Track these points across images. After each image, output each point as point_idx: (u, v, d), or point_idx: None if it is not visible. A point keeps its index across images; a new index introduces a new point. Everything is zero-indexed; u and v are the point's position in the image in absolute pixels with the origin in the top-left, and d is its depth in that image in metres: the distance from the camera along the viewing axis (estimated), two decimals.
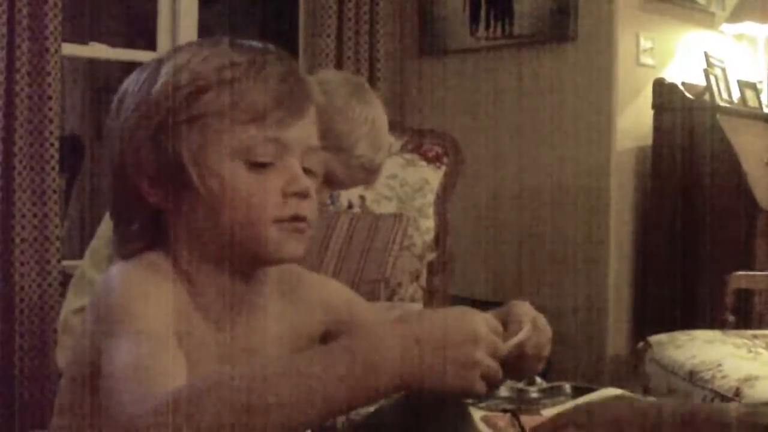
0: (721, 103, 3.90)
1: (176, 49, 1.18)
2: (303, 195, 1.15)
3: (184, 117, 1.11)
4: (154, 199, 1.14)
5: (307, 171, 1.16)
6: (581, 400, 1.95)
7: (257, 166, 1.12)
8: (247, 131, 1.12)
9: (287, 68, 1.16)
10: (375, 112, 1.97)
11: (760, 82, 4.24)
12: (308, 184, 1.16)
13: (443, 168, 3.15)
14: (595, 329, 3.89)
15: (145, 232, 1.17)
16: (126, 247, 1.18)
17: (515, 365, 1.16)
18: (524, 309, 1.23)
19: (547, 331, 1.24)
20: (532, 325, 1.20)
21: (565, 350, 3.86)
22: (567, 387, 2.08)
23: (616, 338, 3.91)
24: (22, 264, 3.42)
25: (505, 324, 1.16)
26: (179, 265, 1.15)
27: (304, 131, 1.16)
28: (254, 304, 1.21)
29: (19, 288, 3.41)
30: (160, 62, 1.16)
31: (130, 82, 1.17)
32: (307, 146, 1.17)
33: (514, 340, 1.14)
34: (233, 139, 1.11)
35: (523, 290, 4.02)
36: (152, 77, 1.15)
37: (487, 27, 4.22)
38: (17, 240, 3.44)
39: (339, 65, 4.22)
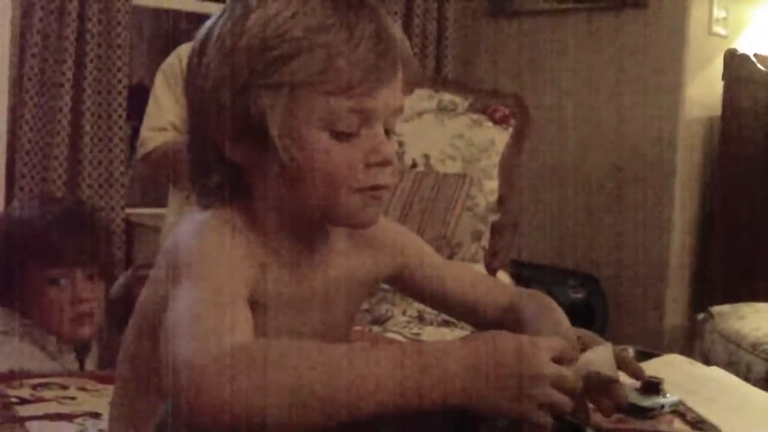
0: None
1: None
2: (385, 164, 1.13)
3: (271, 81, 1.08)
4: (234, 155, 1.13)
5: (386, 132, 1.14)
6: (645, 365, 1.94)
7: (341, 135, 1.10)
8: (335, 102, 1.08)
9: (379, 26, 1.12)
10: None
11: None
12: (390, 151, 1.13)
13: (510, 129, 3.11)
14: (655, 299, 3.86)
15: (224, 186, 1.15)
16: (205, 199, 1.17)
17: (599, 393, 1.14)
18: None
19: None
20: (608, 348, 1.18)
21: (624, 318, 3.85)
22: (631, 351, 2.06)
23: (675, 308, 3.88)
24: None
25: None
26: (255, 219, 1.15)
27: (390, 96, 1.13)
28: (326, 251, 1.21)
29: None
30: (247, 5, 1.11)
31: (215, 26, 1.14)
32: (392, 110, 1.14)
33: (583, 360, 1.11)
34: (320, 109, 1.09)
35: (585, 257, 4.01)
36: (239, 27, 1.10)
37: None
38: (83, 186, 3.49)
39: (408, 24, 4.21)
